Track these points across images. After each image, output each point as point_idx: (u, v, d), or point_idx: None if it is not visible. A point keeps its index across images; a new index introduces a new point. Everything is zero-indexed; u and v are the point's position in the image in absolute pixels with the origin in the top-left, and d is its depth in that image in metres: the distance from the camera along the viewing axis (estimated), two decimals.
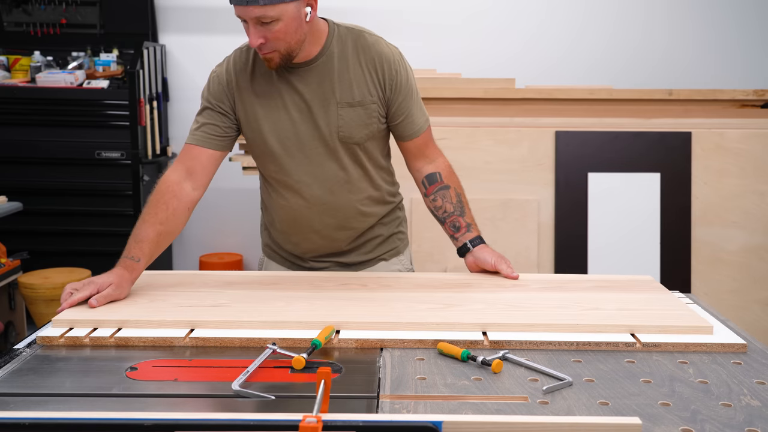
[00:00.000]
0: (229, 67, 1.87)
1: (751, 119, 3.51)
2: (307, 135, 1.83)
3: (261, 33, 1.69)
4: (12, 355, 1.42)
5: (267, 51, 1.72)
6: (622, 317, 1.55)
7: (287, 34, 1.70)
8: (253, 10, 1.65)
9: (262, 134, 1.85)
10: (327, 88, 1.81)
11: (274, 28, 1.68)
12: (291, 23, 1.69)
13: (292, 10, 1.68)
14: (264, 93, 1.83)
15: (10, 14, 4.43)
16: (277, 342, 1.46)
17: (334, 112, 1.81)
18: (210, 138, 1.85)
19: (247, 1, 1.64)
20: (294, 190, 1.88)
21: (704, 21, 4.51)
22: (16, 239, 4.04)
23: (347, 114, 1.82)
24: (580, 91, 3.58)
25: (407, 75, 1.88)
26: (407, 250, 2.11)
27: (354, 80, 1.81)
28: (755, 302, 3.42)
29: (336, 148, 1.84)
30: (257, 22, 1.67)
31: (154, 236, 1.77)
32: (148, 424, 0.94)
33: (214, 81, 1.88)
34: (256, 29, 1.68)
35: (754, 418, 1.15)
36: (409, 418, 1.05)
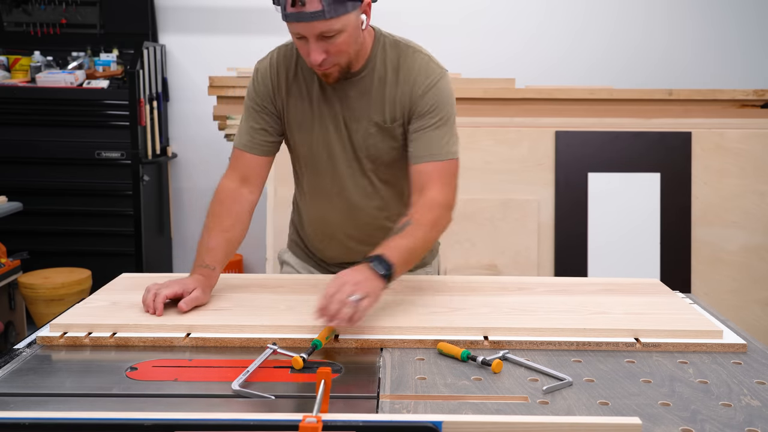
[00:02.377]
0: (274, 66, 1.80)
1: (751, 119, 3.51)
2: (338, 149, 1.79)
3: (323, 48, 1.60)
4: (12, 355, 1.42)
5: (328, 66, 1.64)
6: (629, 321, 1.54)
7: (349, 45, 1.63)
8: (317, 26, 1.55)
9: (296, 141, 1.81)
10: (363, 105, 1.75)
11: (337, 41, 1.59)
12: (353, 34, 1.62)
13: (354, 19, 1.59)
14: (303, 100, 1.78)
15: (10, 14, 4.43)
16: (278, 343, 1.46)
17: (365, 130, 1.76)
18: (260, 145, 1.81)
19: (311, 16, 1.54)
20: (321, 199, 1.86)
21: (704, 21, 4.51)
22: (16, 239, 4.04)
23: (378, 134, 1.77)
24: (580, 91, 3.58)
25: (437, 100, 1.75)
26: (435, 261, 2.08)
27: (389, 100, 1.74)
28: (755, 302, 3.42)
29: (365, 165, 1.80)
30: (320, 38, 1.58)
31: (223, 243, 1.75)
32: (148, 424, 0.94)
33: (260, 80, 1.80)
34: (318, 45, 1.59)
35: (754, 418, 1.15)
36: (409, 418, 1.05)
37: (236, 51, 4.49)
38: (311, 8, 1.53)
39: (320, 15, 1.54)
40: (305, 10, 1.53)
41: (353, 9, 1.58)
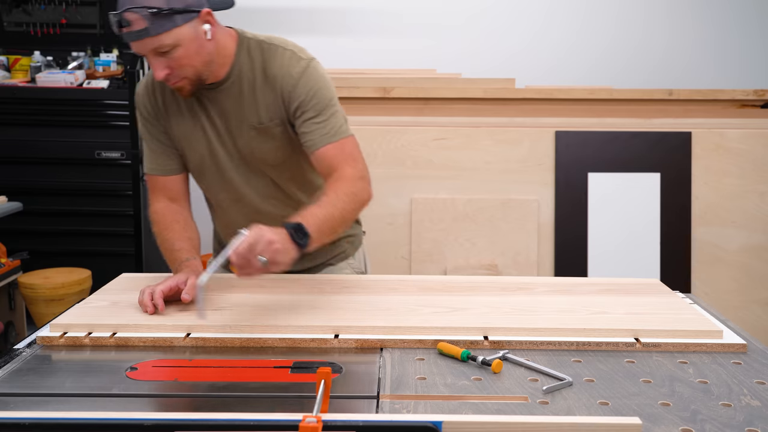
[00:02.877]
0: (150, 87, 1.83)
1: (751, 119, 3.51)
2: (225, 158, 1.81)
3: (164, 64, 1.63)
4: (12, 355, 1.42)
5: (175, 80, 1.67)
6: (629, 322, 1.54)
7: (190, 58, 1.64)
8: (148, 43, 1.59)
9: (186, 154, 1.85)
10: (239, 110, 1.76)
11: (175, 55, 1.62)
12: (191, 46, 1.63)
13: (189, 32, 1.61)
14: (182, 115, 1.80)
15: (10, 14, 4.43)
16: (278, 342, 1.46)
17: (247, 135, 1.77)
18: (165, 165, 1.86)
19: (138, 35, 1.57)
20: (225, 209, 1.91)
21: (704, 21, 4.50)
22: (16, 239, 4.04)
23: (258, 136, 1.77)
24: (580, 91, 3.58)
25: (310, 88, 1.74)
26: (359, 252, 2.06)
27: (261, 101, 1.75)
28: (755, 302, 3.42)
29: (260, 167, 1.82)
30: (156, 53, 1.61)
31: (187, 242, 1.79)
32: (148, 424, 0.94)
33: (141, 104, 1.85)
34: (158, 61, 1.62)
35: (754, 418, 1.15)
36: (409, 418, 1.05)
37: None
38: (136, 27, 1.57)
39: (145, 33, 1.57)
40: (132, 30, 1.57)
41: (185, 21, 1.60)
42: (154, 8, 1.55)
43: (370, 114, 3.51)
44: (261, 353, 1.43)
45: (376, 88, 3.53)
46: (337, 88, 3.72)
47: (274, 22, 4.50)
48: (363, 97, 3.54)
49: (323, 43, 4.48)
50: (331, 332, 1.49)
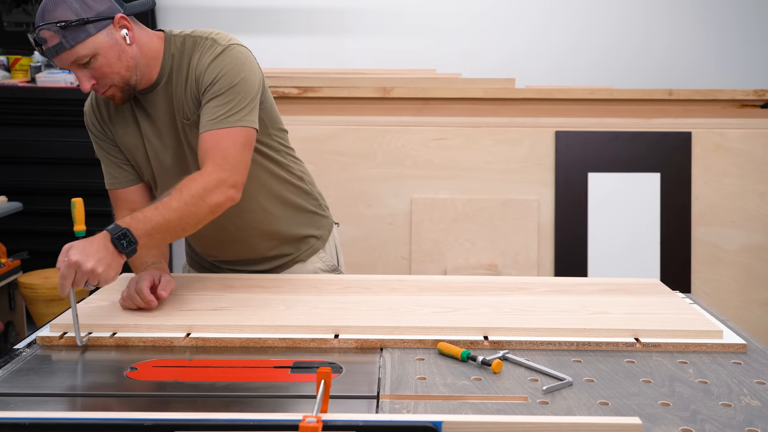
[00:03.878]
0: (94, 104, 1.83)
1: (751, 119, 3.51)
2: (170, 160, 1.79)
3: (88, 75, 1.63)
4: (12, 355, 1.42)
5: (104, 89, 1.66)
6: (629, 322, 1.54)
7: (111, 65, 1.63)
8: (65, 57, 1.59)
9: (137, 163, 1.84)
10: (173, 108, 1.74)
11: (96, 65, 1.61)
12: (110, 53, 1.62)
13: (104, 39, 1.60)
14: (127, 126, 1.80)
15: (10, 14, 4.43)
16: (278, 342, 1.46)
17: (182, 131, 1.76)
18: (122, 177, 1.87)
19: (55, 50, 1.57)
20: None
21: (705, 21, 4.50)
22: (16, 239, 4.03)
23: (191, 131, 1.74)
24: (580, 91, 3.58)
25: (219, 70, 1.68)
26: (329, 245, 2.03)
27: (189, 95, 1.72)
28: (755, 302, 3.42)
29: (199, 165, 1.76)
30: (77, 66, 1.61)
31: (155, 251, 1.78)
32: (148, 424, 0.94)
33: (89, 121, 1.85)
34: (82, 72, 1.62)
35: (754, 418, 1.15)
36: (409, 418, 1.05)
37: None
38: (51, 43, 1.57)
39: (60, 47, 1.57)
40: (48, 46, 1.58)
41: (99, 30, 1.60)
42: (63, 21, 1.55)
43: (370, 114, 3.51)
44: (261, 353, 1.43)
45: (376, 88, 3.53)
46: (336, 88, 3.74)
47: (274, 22, 4.50)
48: (363, 97, 3.54)
49: (323, 43, 4.48)
50: (331, 332, 1.49)
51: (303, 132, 3.40)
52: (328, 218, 2.06)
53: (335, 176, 3.42)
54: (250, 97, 1.69)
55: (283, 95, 3.54)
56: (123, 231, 1.50)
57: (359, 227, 3.39)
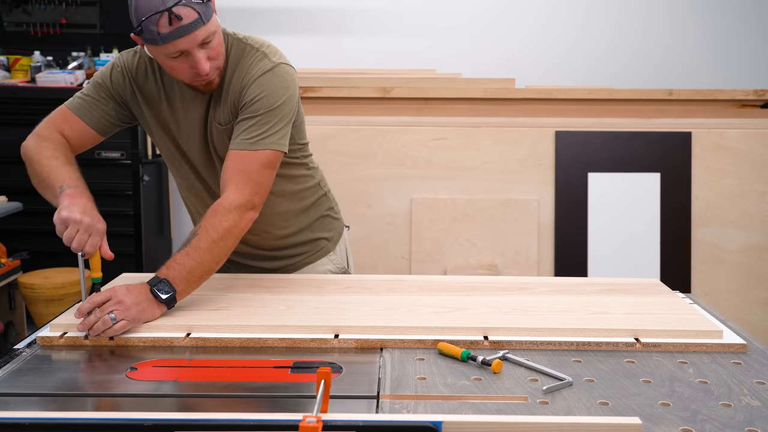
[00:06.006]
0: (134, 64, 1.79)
1: (751, 119, 3.51)
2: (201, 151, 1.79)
3: (205, 55, 1.60)
4: (12, 355, 1.42)
5: (213, 72, 1.65)
6: (629, 322, 1.54)
7: (220, 45, 1.64)
8: (199, 34, 1.56)
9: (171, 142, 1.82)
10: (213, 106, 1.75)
11: (214, 44, 1.61)
12: (219, 33, 1.63)
13: (216, 18, 1.61)
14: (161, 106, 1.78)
15: (10, 14, 4.43)
16: (278, 342, 1.46)
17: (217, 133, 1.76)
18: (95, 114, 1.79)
19: (194, 25, 1.54)
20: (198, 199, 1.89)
21: (704, 21, 4.51)
22: (16, 239, 4.03)
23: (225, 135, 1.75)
24: (580, 91, 3.58)
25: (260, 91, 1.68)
26: (340, 247, 2.04)
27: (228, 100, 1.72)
28: (755, 302, 3.42)
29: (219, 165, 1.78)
30: (201, 45, 1.59)
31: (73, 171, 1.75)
32: (148, 424, 0.94)
33: (119, 72, 1.79)
34: (201, 53, 1.59)
35: (754, 418, 1.15)
36: (409, 418, 1.05)
37: None
38: (189, 19, 1.54)
39: (199, 22, 1.55)
40: (183, 23, 1.54)
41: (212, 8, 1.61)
42: None
43: (370, 114, 3.51)
44: (261, 353, 1.43)
45: (376, 88, 3.53)
46: (337, 88, 3.74)
47: (275, 22, 4.50)
48: (363, 97, 3.54)
49: (323, 43, 4.49)
50: (331, 332, 1.49)
51: None
52: (339, 221, 2.07)
53: (335, 176, 3.41)
54: (285, 121, 1.71)
55: None
56: (161, 280, 1.54)
57: (359, 227, 3.38)
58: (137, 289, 1.51)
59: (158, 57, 1.63)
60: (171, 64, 1.62)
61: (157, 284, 1.53)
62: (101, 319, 1.44)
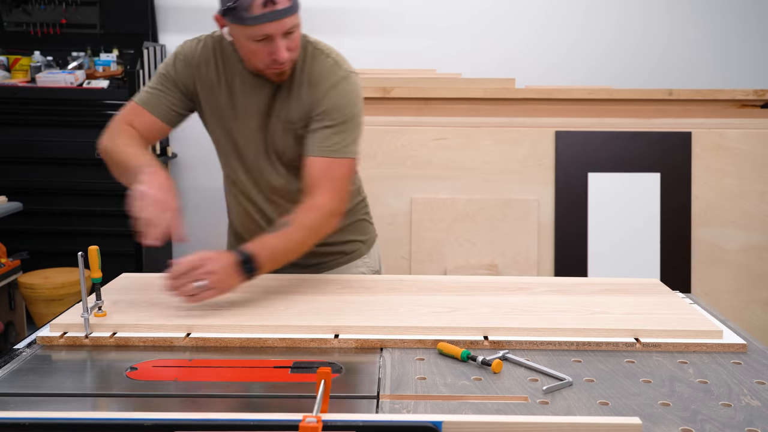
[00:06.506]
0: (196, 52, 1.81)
1: (751, 119, 3.51)
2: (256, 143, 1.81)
3: (286, 45, 1.64)
4: (12, 355, 1.42)
5: (289, 63, 1.69)
6: (629, 322, 1.54)
7: (299, 38, 1.69)
8: (288, 22, 1.61)
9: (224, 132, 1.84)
10: (276, 103, 1.77)
11: (295, 36, 1.66)
12: (300, 27, 1.68)
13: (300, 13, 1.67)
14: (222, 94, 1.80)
15: (10, 14, 4.43)
16: (278, 342, 1.46)
17: (276, 128, 1.78)
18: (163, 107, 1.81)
19: (286, 12, 1.59)
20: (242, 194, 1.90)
21: (704, 21, 4.51)
22: (16, 239, 4.04)
23: (286, 133, 1.78)
24: (580, 91, 3.58)
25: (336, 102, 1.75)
26: (373, 250, 2.09)
27: (295, 101, 1.76)
28: (755, 302, 3.42)
29: (275, 160, 1.83)
30: (286, 34, 1.63)
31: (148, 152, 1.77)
32: (148, 424, 0.94)
33: (182, 60, 1.82)
34: (283, 42, 1.64)
35: (754, 418, 1.15)
36: (409, 418, 1.05)
37: None
38: (282, 5, 1.58)
39: (291, 10, 1.60)
40: (277, 8, 1.58)
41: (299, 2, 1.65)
42: None
43: (370, 114, 3.49)
44: (261, 353, 1.43)
45: (376, 88, 3.53)
46: None
47: None
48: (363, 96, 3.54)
49: None
50: (331, 332, 1.49)
51: None
52: (373, 225, 2.11)
53: None
54: (359, 130, 1.79)
55: None
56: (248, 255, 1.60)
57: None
58: (226, 260, 1.56)
59: (239, 39, 1.66)
60: (251, 47, 1.65)
61: (246, 260, 1.59)
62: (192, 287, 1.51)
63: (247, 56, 1.71)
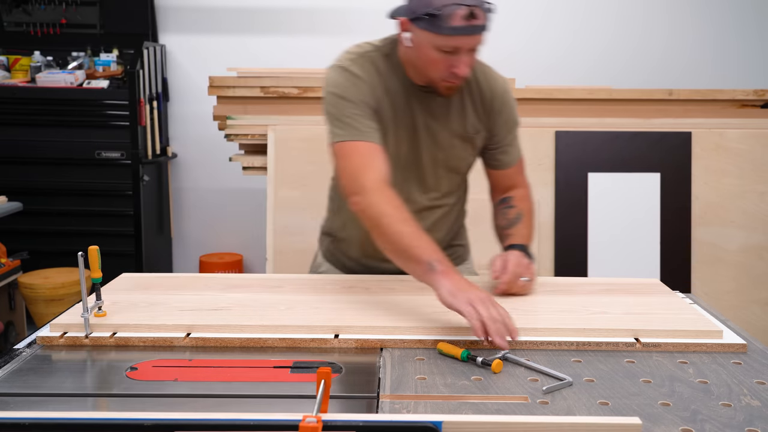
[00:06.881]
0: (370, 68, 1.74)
1: (751, 119, 3.51)
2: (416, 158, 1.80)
3: (468, 61, 1.65)
4: (12, 355, 1.42)
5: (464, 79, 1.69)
6: (629, 322, 1.54)
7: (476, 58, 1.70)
8: (479, 39, 1.63)
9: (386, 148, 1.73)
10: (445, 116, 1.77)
11: (476, 53, 1.67)
12: None
13: None
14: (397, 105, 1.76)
15: (10, 14, 4.43)
16: (278, 342, 1.46)
17: (448, 141, 1.79)
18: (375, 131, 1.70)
19: (481, 29, 1.61)
20: None
21: (704, 21, 4.51)
22: (16, 239, 4.04)
23: (460, 144, 1.81)
24: (580, 91, 3.58)
25: (511, 109, 1.86)
26: (470, 257, 2.12)
27: (468, 111, 1.79)
28: (755, 302, 3.42)
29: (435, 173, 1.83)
30: (471, 50, 1.64)
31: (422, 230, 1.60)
32: (148, 424, 0.94)
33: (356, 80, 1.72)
34: (466, 58, 1.64)
35: (754, 418, 1.15)
36: (409, 418, 1.05)
37: (236, 51, 4.49)
38: (481, 21, 1.61)
39: (485, 29, 1.62)
40: (476, 23, 1.60)
41: None
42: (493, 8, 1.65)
43: None
44: (261, 353, 1.43)
45: None
46: None
47: (275, 22, 4.51)
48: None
49: (323, 43, 4.48)
50: (331, 332, 1.49)
51: (303, 132, 3.40)
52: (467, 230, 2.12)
53: None
54: None
55: (283, 95, 3.54)
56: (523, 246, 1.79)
57: None
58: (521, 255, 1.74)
59: (423, 46, 1.64)
60: (432, 57, 1.64)
61: (528, 252, 1.77)
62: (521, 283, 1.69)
63: (423, 65, 1.67)
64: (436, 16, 1.58)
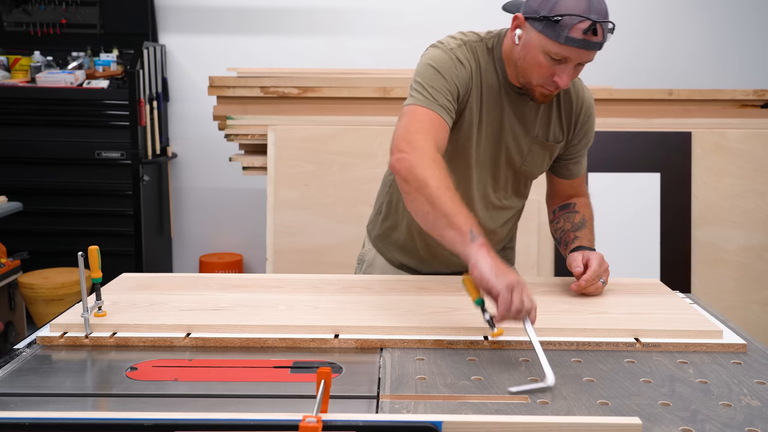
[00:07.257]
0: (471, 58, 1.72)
1: (751, 119, 3.51)
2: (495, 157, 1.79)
3: (572, 74, 1.64)
4: (12, 355, 1.42)
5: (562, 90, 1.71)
6: (629, 322, 1.54)
7: None
8: (593, 54, 1.62)
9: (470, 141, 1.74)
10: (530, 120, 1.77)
11: (580, 69, 1.66)
12: None
13: None
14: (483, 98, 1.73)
15: (10, 14, 4.43)
16: (278, 342, 1.46)
17: (528, 145, 1.79)
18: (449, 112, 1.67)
19: (599, 46, 1.60)
20: None
21: (703, 21, 4.51)
22: (16, 239, 4.04)
23: (539, 151, 1.81)
24: None
25: (593, 124, 1.88)
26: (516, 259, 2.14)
27: (554, 118, 1.80)
28: (755, 302, 3.42)
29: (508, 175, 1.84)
30: (576, 65, 1.63)
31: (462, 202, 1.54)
32: (148, 424, 0.94)
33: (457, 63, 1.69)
34: (572, 71, 1.63)
35: (754, 418, 1.15)
36: (409, 418, 1.05)
37: (236, 51, 4.50)
38: (599, 39, 1.59)
39: (599, 46, 1.61)
40: (594, 39, 1.58)
41: None
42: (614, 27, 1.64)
43: (370, 114, 3.51)
44: (261, 353, 1.43)
45: (376, 88, 3.53)
46: (337, 88, 3.73)
47: (274, 21, 4.51)
48: (363, 97, 3.54)
49: (323, 43, 4.49)
50: (331, 332, 1.49)
51: (303, 132, 3.40)
52: None
53: (335, 176, 3.42)
54: None
55: (283, 95, 3.54)
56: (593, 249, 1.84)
57: (359, 227, 3.38)
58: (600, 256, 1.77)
59: (533, 47, 1.61)
60: (539, 60, 1.61)
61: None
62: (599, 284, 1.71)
63: (526, 66, 1.65)
64: (557, 21, 1.55)
